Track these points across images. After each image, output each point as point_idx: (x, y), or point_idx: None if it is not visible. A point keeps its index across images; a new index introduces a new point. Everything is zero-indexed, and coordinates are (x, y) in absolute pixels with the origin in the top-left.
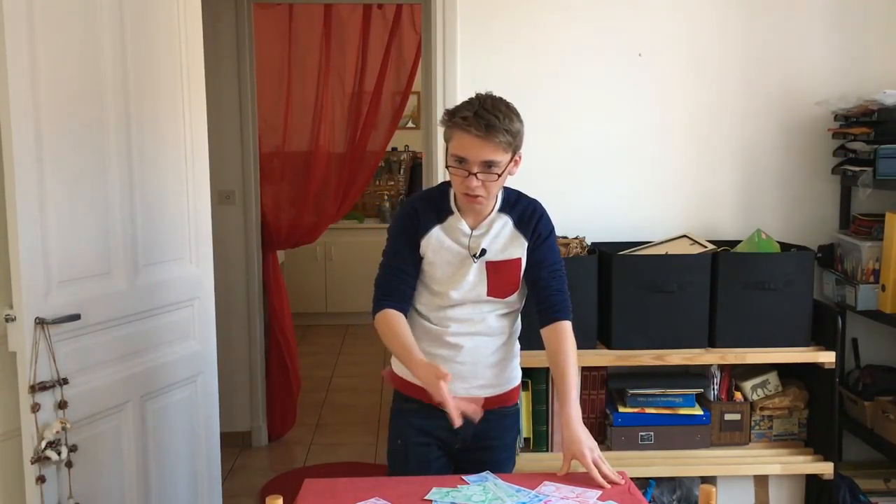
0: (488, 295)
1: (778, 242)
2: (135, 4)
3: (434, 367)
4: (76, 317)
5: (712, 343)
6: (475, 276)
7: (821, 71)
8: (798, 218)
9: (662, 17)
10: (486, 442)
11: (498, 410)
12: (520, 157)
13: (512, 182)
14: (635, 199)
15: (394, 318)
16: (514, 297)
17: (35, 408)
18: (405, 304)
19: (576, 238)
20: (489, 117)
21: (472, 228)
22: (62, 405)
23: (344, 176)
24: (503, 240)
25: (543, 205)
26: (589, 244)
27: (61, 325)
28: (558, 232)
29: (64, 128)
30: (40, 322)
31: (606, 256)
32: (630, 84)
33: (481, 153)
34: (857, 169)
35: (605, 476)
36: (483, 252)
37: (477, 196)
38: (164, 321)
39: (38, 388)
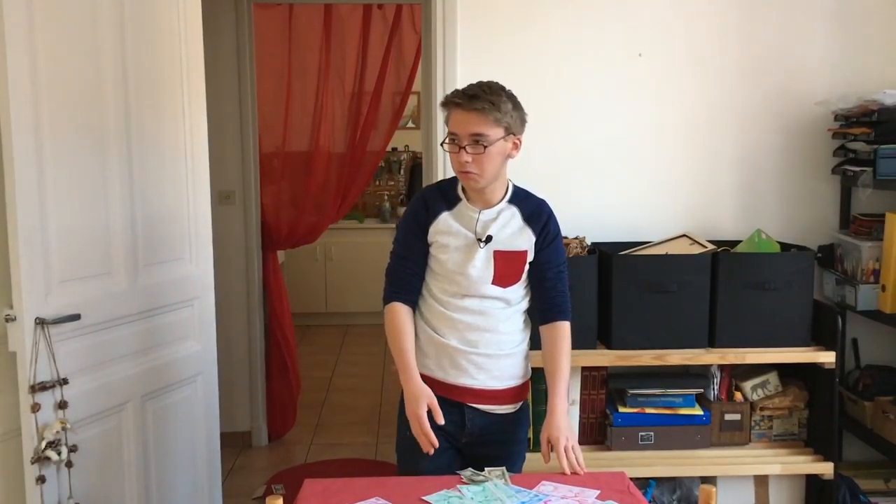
0: (493, 283)
1: (778, 242)
2: (135, 4)
3: (422, 395)
4: (76, 317)
5: (712, 343)
6: (482, 262)
7: (821, 71)
8: (798, 218)
9: (662, 16)
10: (495, 436)
11: (507, 407)
12: (519, 141)
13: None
14: (635, 199)
15: (400, 318)
16: (516, 289)
17: (35, 408)
18: (413, 296)
19: (576, 238)
20: (475, 90)
21: (481, 213)
22: (62, 405)
23: (344, 176)
24: (511, 230)
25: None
26: (589, 244)
27: (61, 325)
28: None
29: (64, 127)
30: (40, 322)
31: (606, 256)
32: (630, 84)
33: (468, 126)
34: (857, 169)
35: (570, 464)
36: (489, 238)
37: (469, 172)
38: (164, 321)
39: (38, 388)
